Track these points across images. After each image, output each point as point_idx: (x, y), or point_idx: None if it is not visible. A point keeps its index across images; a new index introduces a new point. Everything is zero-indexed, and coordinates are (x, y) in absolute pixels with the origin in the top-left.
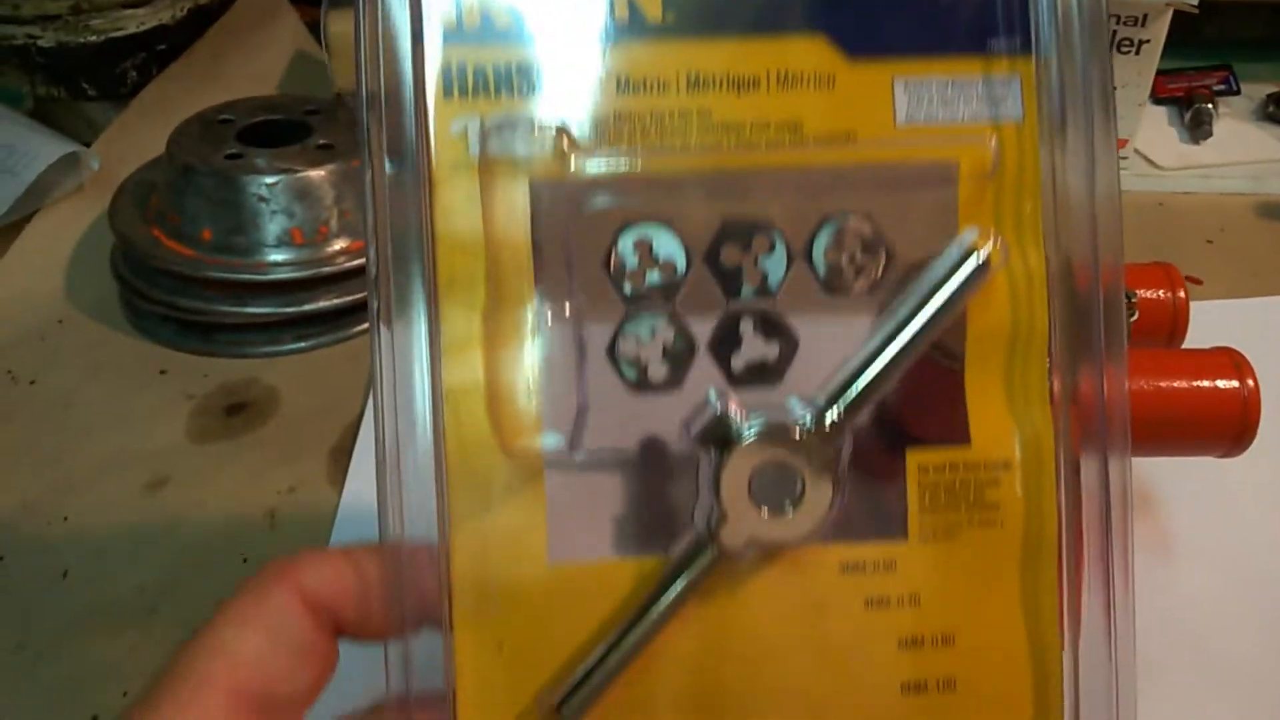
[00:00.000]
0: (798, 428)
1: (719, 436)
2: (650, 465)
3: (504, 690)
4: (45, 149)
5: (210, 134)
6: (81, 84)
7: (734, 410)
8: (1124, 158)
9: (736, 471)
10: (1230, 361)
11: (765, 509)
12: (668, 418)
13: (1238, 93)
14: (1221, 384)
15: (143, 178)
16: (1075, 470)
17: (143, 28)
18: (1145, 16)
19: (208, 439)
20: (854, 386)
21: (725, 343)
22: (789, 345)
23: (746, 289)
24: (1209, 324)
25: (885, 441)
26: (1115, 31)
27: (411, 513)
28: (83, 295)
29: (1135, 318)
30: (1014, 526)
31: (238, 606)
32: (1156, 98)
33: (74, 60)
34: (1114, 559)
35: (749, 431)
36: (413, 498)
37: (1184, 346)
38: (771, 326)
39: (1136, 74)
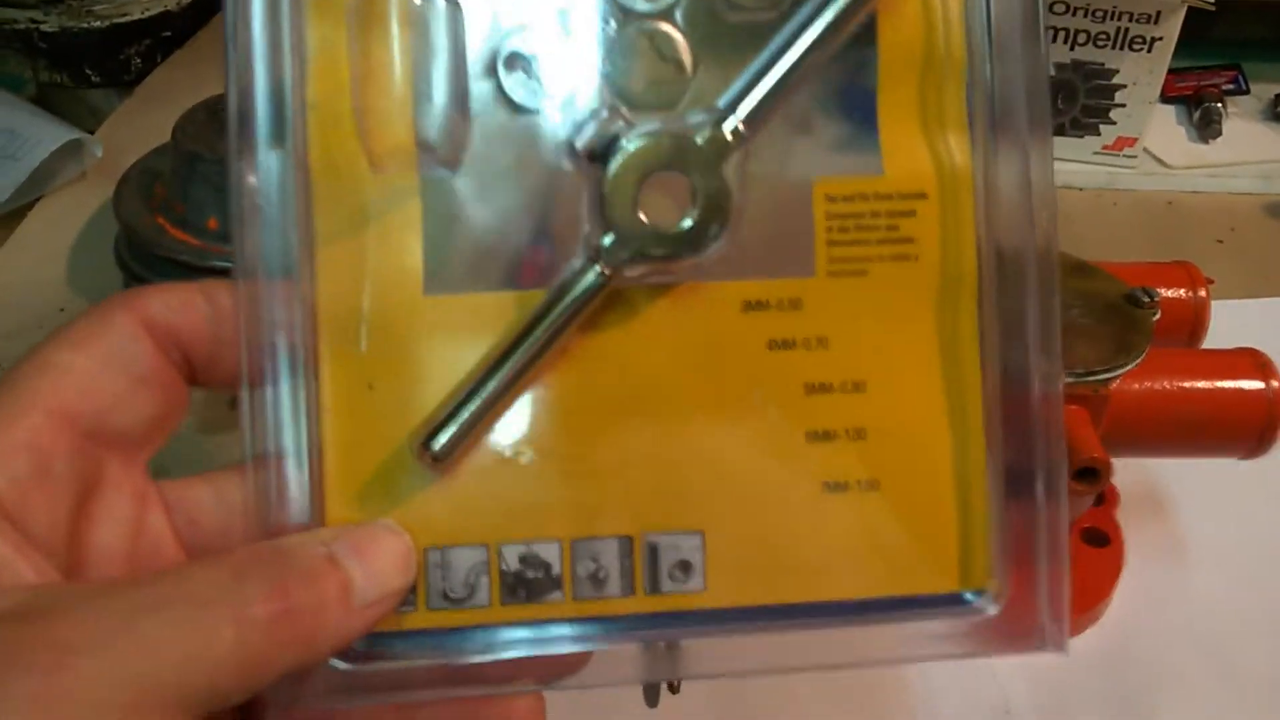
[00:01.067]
0: (692, 136)
1: (605, 147)
2: (535, 189)
3: (374, 436)
4: (48, 135)
5: (216, 121)
6: (85, 70)
7: (623, 121)
8: (1133, 156)
9: (623, 184)
10: (1254, 362)
11: (656, 226)
12: (553, 137)
13: (1246, 92)
14: (1246, 385)
15: (147, 165)
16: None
17: (147, 13)
18: (1158, 14)
19: (212, 430)
20: (755, 92)
21: (618, 60)
22: (687, 64)
23: (642, 2)
24: (1224, 324)
25: (790, 168)
26: (1127, 29)
27: (271, 238)
28: (85, 284)
29: (1158, 317)
30: (930, 261)
31: (72, 329)
32: (1165, 96)
33: (77, 46)
34: None
35: (638, 140)
36: (273, 222)
37: (1202, 347)
38: (668, 43)
39: (1148, 72)
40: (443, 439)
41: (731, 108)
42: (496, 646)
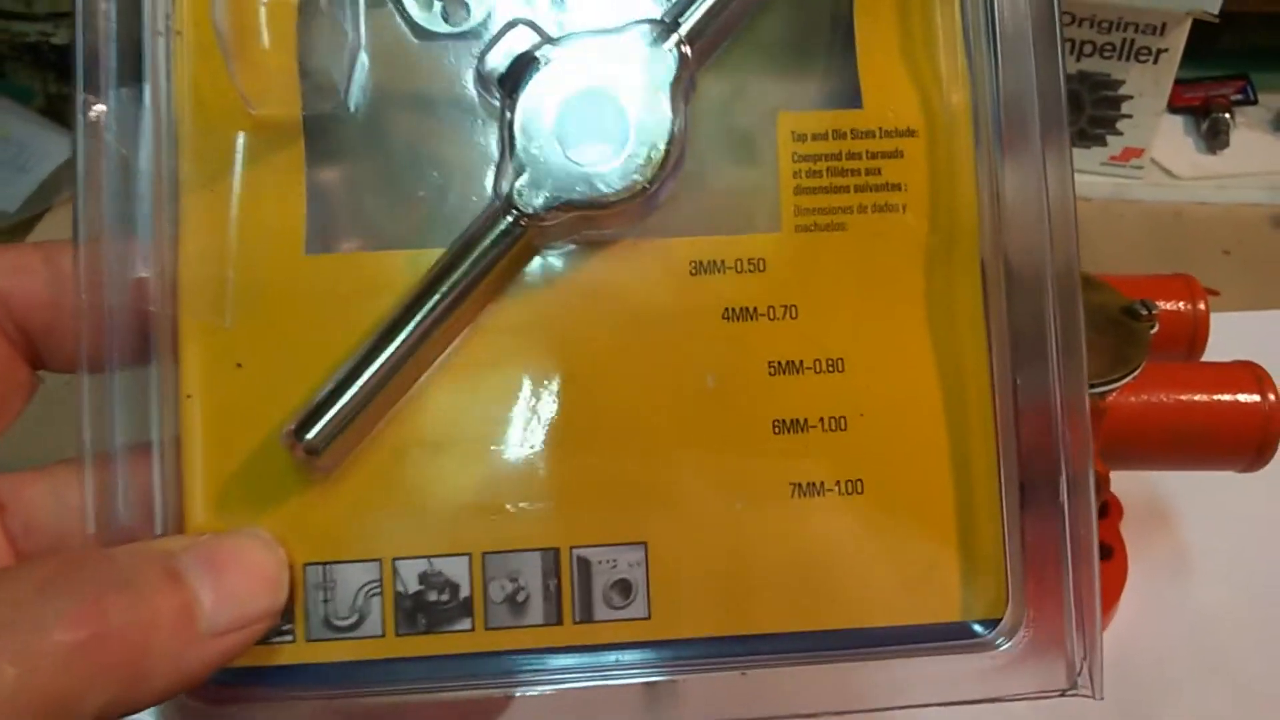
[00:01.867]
0: (627, 55)
1: (518, 68)
2: (440, 127)
3: (243, 426)
4: (56, 147)
5: None
6: None
7: (540, 37)
8: (1140, 167)
9: (539, 111)
10: (1252, 375)
11: (579, 163)
12: (462, 67)
13: (1255, 102)
14: (1243, 398)
15: None
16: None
17: None
18: (1164, 25)
19: None
20: (703, 2)
21: None
22: None
23: None
24: (1227, 336)
25: (749, 98)
26: (1133, 40)
27: (123, 187)
28: None
29: (1156, 329)
30: (920, 213)
31: None
32: (1173, 107)
33: None
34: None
35: (558, 58)
36: (126, 168)
37: (1203, 359)
38: None
39: (1154, 83)
40: (318, 427)
41: (675, 22)
42: (391, 687)
